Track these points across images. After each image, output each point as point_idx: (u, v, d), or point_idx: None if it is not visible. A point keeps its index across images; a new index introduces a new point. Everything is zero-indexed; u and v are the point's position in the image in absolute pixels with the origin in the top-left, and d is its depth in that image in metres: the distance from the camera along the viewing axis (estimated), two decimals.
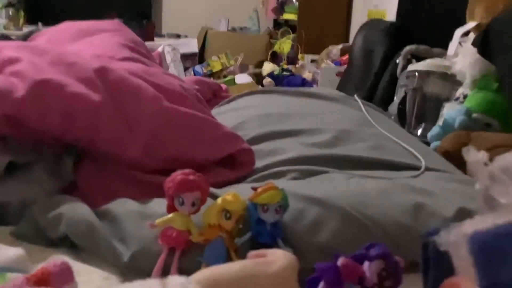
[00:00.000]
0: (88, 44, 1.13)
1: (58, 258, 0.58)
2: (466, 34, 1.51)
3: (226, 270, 0.46)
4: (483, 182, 0.42)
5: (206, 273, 0.46)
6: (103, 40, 1.16)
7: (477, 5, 1.45)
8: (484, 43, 1.27)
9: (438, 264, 0.42)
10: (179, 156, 0.92)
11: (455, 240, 0.38)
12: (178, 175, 0.71)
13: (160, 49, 2.07)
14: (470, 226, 0.38)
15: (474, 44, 1.30)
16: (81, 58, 0.94)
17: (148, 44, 2.75)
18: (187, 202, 0.70)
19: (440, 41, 1.96)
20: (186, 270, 0.70)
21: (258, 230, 0.71)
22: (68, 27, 1.26)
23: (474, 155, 0.42)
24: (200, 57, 3.86)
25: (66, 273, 0.58)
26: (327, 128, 1.13)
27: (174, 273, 0.69)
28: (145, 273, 0.69)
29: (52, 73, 0.86)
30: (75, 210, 0.75)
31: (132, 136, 0.88)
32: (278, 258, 0.49)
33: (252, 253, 0.52)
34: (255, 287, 0.45)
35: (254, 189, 0.73)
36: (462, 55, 1.36)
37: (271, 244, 0.71)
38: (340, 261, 0.55)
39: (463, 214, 0.76)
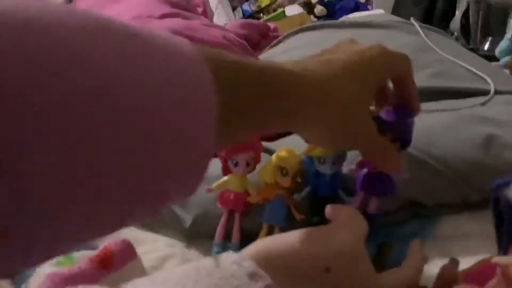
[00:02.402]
0: (128, 4, 1.11)
1: (117, 237, 0.59)
2: None
3: (281, 241, 0.44)
4: None
5: (260, 246, 0.43)
6: None
7: None
8: None
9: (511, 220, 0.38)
10: None
11: None
12: None
13: None
14: None
15: None
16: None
17: None
18: (241, 163, 0.68)
19: None
20: (248, 231, 0.69)
21: (316, 183, 0.68)
22: None
23: None
24: None
25: (128, 250, 0.58)
26: None
27: (236, 236, 0.68)
28: (208, 236, 0.69)
29: None
30: None
31: None
32: (338, 225, 0.46)
33: (327, 211, 0.50)
34: (312, 259, 0.43)
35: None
36: None
37: (332, 196, 0.68)
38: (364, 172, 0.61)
39: None
